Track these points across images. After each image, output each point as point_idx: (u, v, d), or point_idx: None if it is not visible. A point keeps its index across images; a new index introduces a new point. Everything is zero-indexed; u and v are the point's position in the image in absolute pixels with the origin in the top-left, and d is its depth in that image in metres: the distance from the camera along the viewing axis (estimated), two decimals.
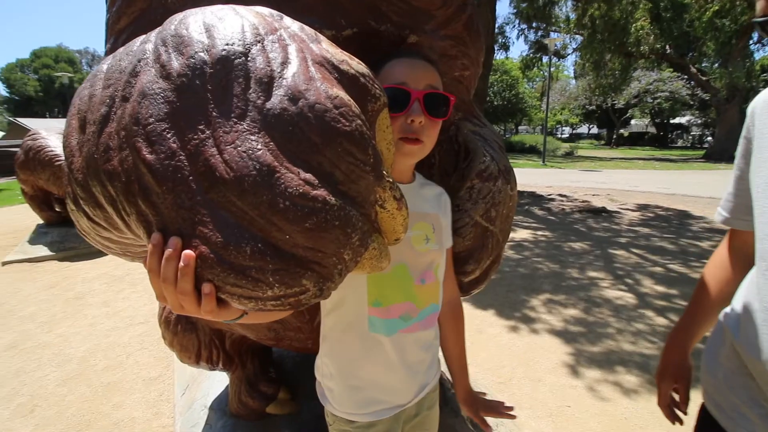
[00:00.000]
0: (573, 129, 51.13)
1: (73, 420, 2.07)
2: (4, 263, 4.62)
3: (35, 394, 2.28)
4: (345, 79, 0.55)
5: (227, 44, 0.49)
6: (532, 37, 17.23)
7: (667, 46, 22.08)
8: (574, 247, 4.96)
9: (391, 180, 0.55)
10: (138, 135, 0.48)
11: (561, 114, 41.55)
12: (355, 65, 0.57)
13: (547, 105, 15.66)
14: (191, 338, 1.68)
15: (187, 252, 0.46)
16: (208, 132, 0.47)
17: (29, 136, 5.19)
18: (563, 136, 49.70)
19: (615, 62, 18.53)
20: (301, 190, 0.46)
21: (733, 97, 19.00)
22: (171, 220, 0.47)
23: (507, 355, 2.62)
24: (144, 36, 0.58)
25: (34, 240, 5.26)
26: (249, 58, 0.49)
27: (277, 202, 0.45)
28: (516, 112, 35.91)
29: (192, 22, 0.52)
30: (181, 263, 0.46)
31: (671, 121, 34.01)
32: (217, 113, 0.47)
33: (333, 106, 0.49)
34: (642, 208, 7.31)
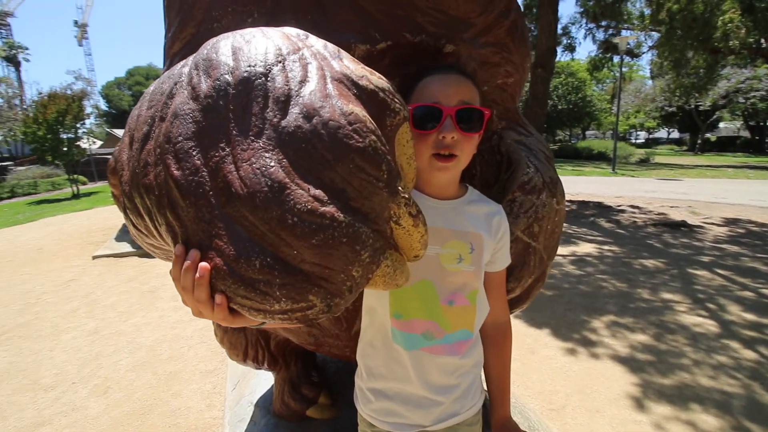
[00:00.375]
0: (649, 133, 46.87)
1: (138, 404, 2.27)
2: (95, 257, 5.26)
3: (109, 376, 2.55)
4: (364, 94, 0.54)
5: (249, 66, 0.52)
6: (601, 36, 16.14)
7: (762, 40, 19.45)
8: (646, 265, 4.52)
9: (407, 196, 0.54)
10: (168, 152, 0.52)
11: (635, 117, 38.35)
12: (375, 80, 0.57)
13: (618, 108, 14.53)
14: (239, 337, 1.77)
15: (203, 264, 0.48)
16: (228, 149, 0.49)
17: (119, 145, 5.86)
18: (638, 141, 45.82)
19: (699, 59, 16.70)
20: (309, 207, 0.46)
21: None
22: (193, 232, 0.50)
23: (561, 379, 2.44)
24: (185, 60, 0.62)
25: (119, 237, 5.92)
26: (269, 78, 0.51)
27: (285, 218, 0.46)
28: (583, 116, 33.77)
29: (222, 46, 0.56)
30: (197, 274, 0.48)
31: None
32: (237, 131, 0.50)
33: (347, 122, 0.49)
34: (730, 222, 6.47)
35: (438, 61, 0.96)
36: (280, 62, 0.53)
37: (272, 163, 0.47)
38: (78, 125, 15.32)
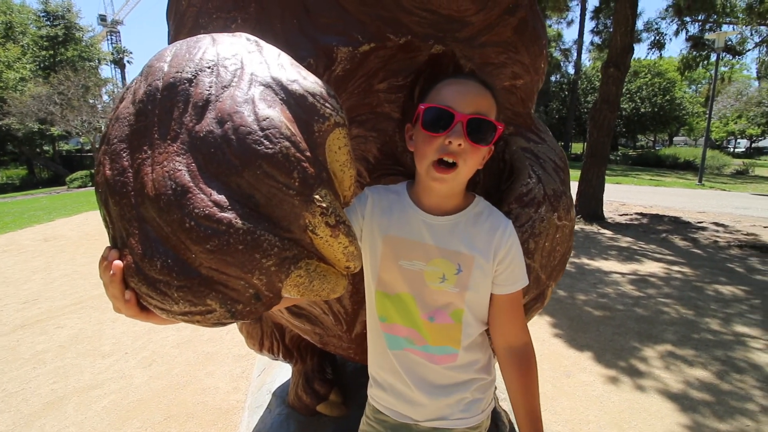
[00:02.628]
0: (752, 142, 41.00)
1: (176, 379, 2.48)
2: None
3: (156, 351, 2.81)
4: (291, 98, 0.53)
5: (177, 72, 0.53)
6: (696, 31, 14.41)
7: None
8: (722, 292, 3.96)
9: (324, 205, 0.51)
10: (107, 153, 0.55)
11: (735, 123, 33.81)
12: (308, 84, 0.55)
13: (710, 112, 12.90)
14: (256, 327, 1.86)
15: (116, 262, 0.50)
16: (149, 152, 0.51)
17: None
18: (737, 150, 40.35)
19: None
20: (207, 212, 0.46)
21: None
22: (117, 229, 0.53)
23: (596, 409, 2.23)
24: None
25: None
26: (193, 84, 0.52)
27: (184, 222, 0.46)
28: (670, 120, 30.47)
29: (165, 53, 0.58)
30: (111, 271, 0.51)
31: None
32: (158, 135, 0.51)
33: (259, 128, 0.48)
34: None
35: (435, 64, 0.92)
36: (210, 68, 0.54)
37: (180, 167, 0.48)
38: None
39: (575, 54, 28.19)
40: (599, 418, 2.15)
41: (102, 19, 48.91)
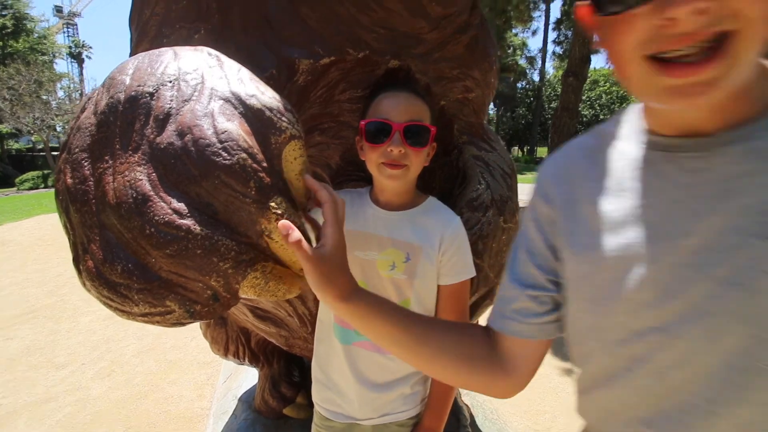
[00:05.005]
0: None
1: (136, 388, 2.41)
2: None
3: (114, 361, 2.72)
4: (249, 112, 0.57)
5: (139, 85, 0.56)
6: None
7: None
8: None
9: (279, 212, 0.55)
10: (68, 161, 0.57)
11: None
12: (266, 99, 0.59)
13: None
14: (221, 332, 1.85)
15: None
16: (110, 162, 0.53)
17: None
18: None
19: None
20: (167, 219, 0.49)
21: None
22: (79, 235, 0.55)
23: (552, 400, 2.36)
24: None
25: None
26: (154, 97, 0.55)
27: (144, 228, 0.49)
28: None
29: (127, 66, 0.60)
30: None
31: None
32: (120, 146, 0.54)
33: (218, 140, 0.52)
34: None
35: (391, 77, 0.98)
36: (171, 82, 0.57)
37: (141, 177, 0.51)
38: None
39: (540, 62, 29.35)
40: (554, 408, 2.29)
41: (57, 10, 46.25)
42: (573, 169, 0.55)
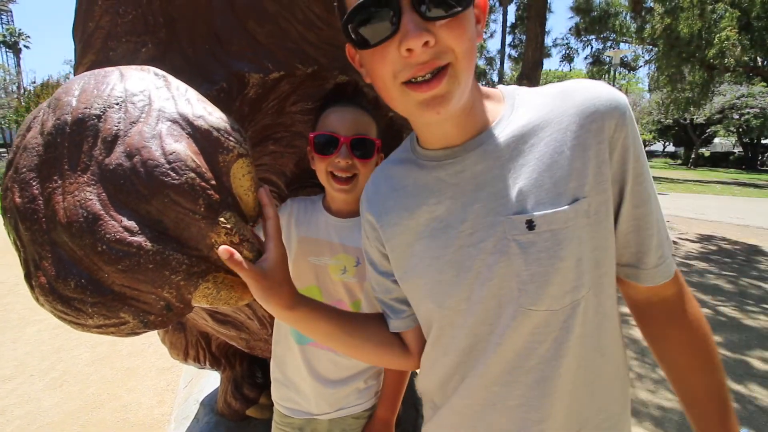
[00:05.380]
0: (646, 146, 47.30)
1: (91, 398, 2.33)
2: None
3: (67, 370, 2.61)
4: (197, 133, 0.61)
5: (86, 108, 0.58)
6: (599, 47, 16.30)
7: (758, 59, 19.72)
8: None
9: (229, 226, 0.60)
10: (16, 181, 0.59)
11: None
12: (213, 120, 0.63)
13: None
14: (180, 337, 1.84)
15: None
16: (60, 182, 0.56)
17: None
18: None
19: (695, 75, 16.88)
20: (118, 236, 0.53)
21: None
22: (29, 252, 0.57)
23: None
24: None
25: None
26: (102, 119, 0.58)
27: (96, 245, 0.52)
28: None
29: (73, 87, 0.62)
30: None
31: (763, 142, 30.22)
32: (68, 166, 0.56)
33: (166, 161, 0.56)
34: (704, 239, 6.59)
35: (340, 91, 1.03)
36: (118, 104, 0.59)
37: (91, 197, 0.54)
38: None
39: (499, 63, 30.29)
40: None
41: None
42: (380, 189, 0.70)
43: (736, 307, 3.81)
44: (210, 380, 2.28)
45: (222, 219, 0.59)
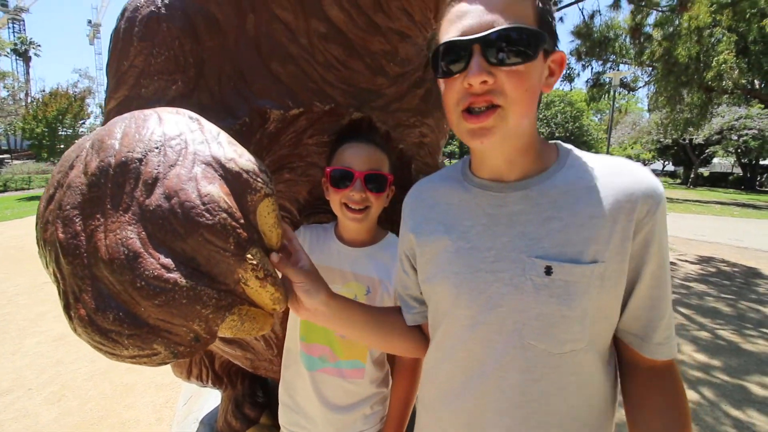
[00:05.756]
0: (645, 165, 47.76)
1: (89, 414, 2.33)
2: None
3: (66, 384, 2.61)
4: (229, 175, 0.66)
5: (128, 151, 0.63)
6: (599, 68, 16.60)
7: (756, 81, 20.13)
8: None
9: (255, 262, 0.64)
10: (59, 217, 0.63)
11: (632, 149, 39.09)
12: (243, 162, 0.68)
13: (609, 139, 14.92)
14: None
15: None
16: (102, 220, 0.60)
17: None
18: None
19: (693, 97, 17.17)
20: (156, 273, 0.57)
21: None
22: (69, 284, 0.61)
23: None
24: (93, 132, 0.74)
25: None
26: (143, 163, 0.62)
27: (135, 281, 0.57)
28: (579, 144, 34.45)
29: (115, 130, 0.67)
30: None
31: (761, 162, 30.52)
32: (111, 206, 0.61)
33: (201, 203, 0.60)
34: (704, 261, 6.62)
35: (355, 126, 1.09)
36: (158, 148, 0.64)
37: (132, 235, 0.58)
38: (78, 124, 15.57)
39: None
40: None
41: (2, 4, 43.18)
42: (424, 200, 0.78)
43: (734, 330, 3.82)
44: (210, 398, 2.28)
45: (249, 255, 0.64)
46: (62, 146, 14.82)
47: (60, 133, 14.66)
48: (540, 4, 0.60)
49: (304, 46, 0.96)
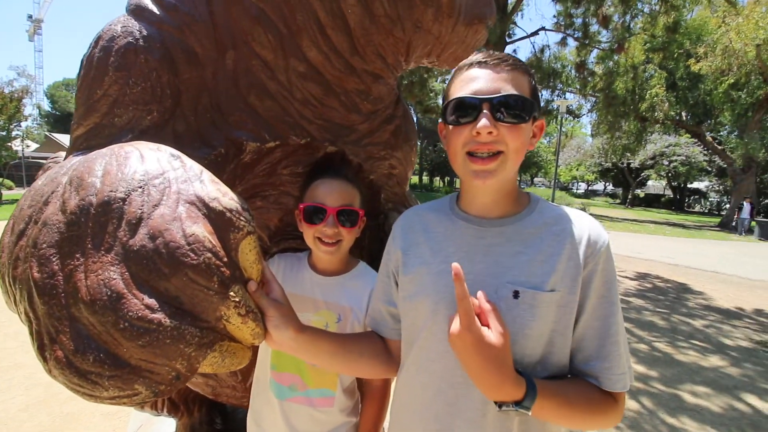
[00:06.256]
0: (588, 185, 51.21)
1: None
2: None
3: None
4: (212, 214, 0.68)
5: (111, 191, 0.64)
6: (548, 95, 17.84)
7: (683, 114, 22.48)
8: None
9: (237, 299, 0.66)
10: (34, 255, 0.62)
11: (577, 170, 41.90)
12: (226, 201, 0.70)
13: (557, 162, 15.98)
14: None
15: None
16: (82, 260, 0.60)
17: (52, 159, 5.57)
18: (579, 191, 49.80)
19: (630, 125, 18.86)
20: (140, 314, 0.58)
21: (749, 167, 18.92)
22: (44, 325, 0.60)
23: None
24: (67, 165, 0.74)
25: None
26: (126, 202, 0.63)
27: (118, 323, 0.57)
28: (530, 165, 36.45)
29: (95, 167, 0.67)
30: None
31: (689, 186, 33.81)
32: (92, 246, 0.61)
33: (186, 243, 0.62)
34: (641, 277, 7.21)
35: (328, 159, 1.13)
36: (141, 187, 0.65)
37: (115, 276, 0.59)
38: (12, 126, 14.33)
39: None
40: None
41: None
42: (414, 226, 0.87)
43: (668, 342, 4.19)
44: (162, 427, 2.17)
45: (232, 293, 0.66)
46: None
47: None
48: (533, 81, 0.77)
49: (283, 83, 1.00)
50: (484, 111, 0.71)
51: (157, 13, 0.95)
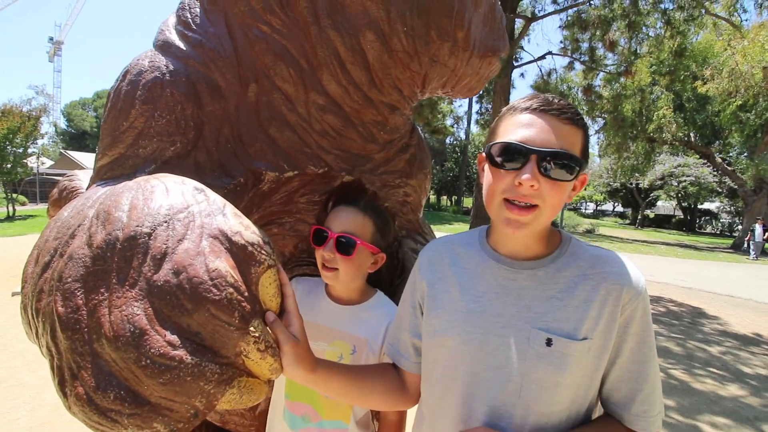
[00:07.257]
0: (597, 206, 50.85)
1: None
2: (14, 294, 4.88)
3: None
4: (234, 248, 0.69)
5: (137, 226, 0.65)
6: None
7: (691, 134, 22.45)
8: None
9: (257, 335, 0.66)
10: (59, 289, 0.63)
11: (585, 190, 41.71)
12: (248, 235, 0.71)
13: None
14: None
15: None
16: (106, 295, 0.61)
17: (67, 176, 5.70)
18: (587, 211, 49.45)
19: (638, 146, 18.83)
20: (162, 351, 0.58)
21: (760, 188, 18.70)
22: (66, 359, 0.60)
23: None
24: (94, 197, 0.75)
25: None
26: (152, 237, 0.64)
27: (140, 359, 0.57)
28: None
29: (123, 201, 0.69)
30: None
31: (699, 207, 33.44)
32: (116, 280, 0.62)
33: (209, 278, 0.63)
34: (654, 300, 7.05)
35: (345, 187, 1.14)
36: (166, 222, 0.66)
37: (138, 311, 0.59)
38: (29, 143, 14.74)
39: (466, 122, 32.40)
40: None
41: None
42: (443, 258, 0.86)
43: (685, 370, 4.06)
44: None
45: (252, 328, 0.66)
46: (8, 166, 13.91)
47: (8, 151, 13.80)
48: (585, 139, 0.74)
49: (303, 116, 1.03)
50: (531, 163, 0.68)
51: (184, 48, 0.99)
